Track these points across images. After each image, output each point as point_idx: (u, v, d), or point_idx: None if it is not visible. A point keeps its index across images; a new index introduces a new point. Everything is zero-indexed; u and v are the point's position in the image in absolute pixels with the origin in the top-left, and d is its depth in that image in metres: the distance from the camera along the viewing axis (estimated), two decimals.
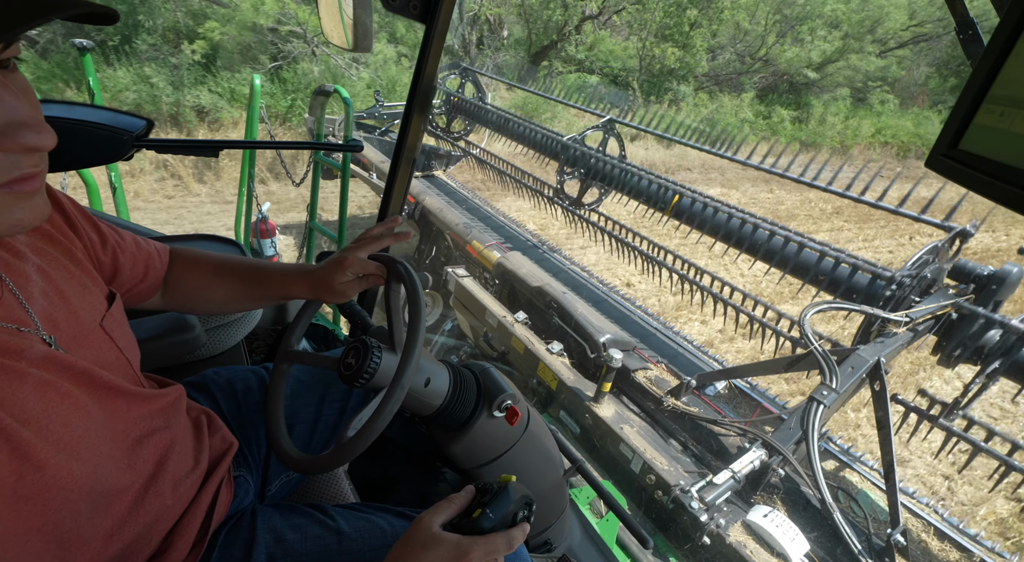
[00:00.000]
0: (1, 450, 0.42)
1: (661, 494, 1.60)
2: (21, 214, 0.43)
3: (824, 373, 1.65)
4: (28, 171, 0.42)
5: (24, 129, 0.41)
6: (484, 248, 2.98)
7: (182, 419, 0.71)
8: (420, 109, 1.12)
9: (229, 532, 0.74)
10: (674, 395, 1.91)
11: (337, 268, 0.79)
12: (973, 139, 0.32)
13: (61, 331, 0.54)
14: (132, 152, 1.20)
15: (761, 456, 1.58)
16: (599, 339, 2.06)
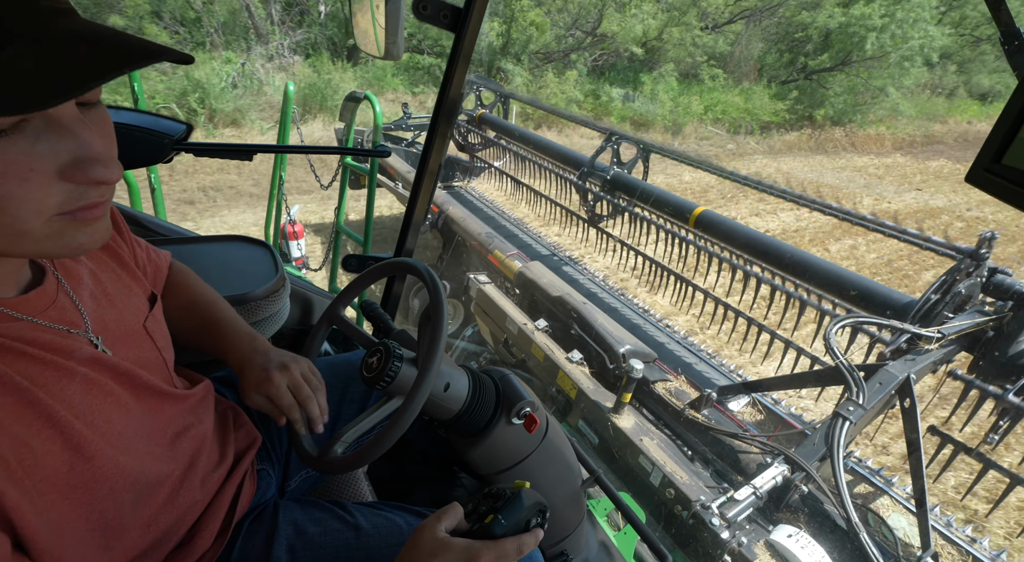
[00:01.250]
0: (56, 441, 0.45)
1: (680, 509, 1.57)
2: (84, 238, 0.46)
3: (850, 388, 1.61)
4: (95, 200, 0.45)
5: (94, 164, 0.43)
6: (506, 257, 3.00)
7: (211, 414, 0.73)
8: (448, 115, 1.13)
9: (252, 523, 0.76)
10: (694, 407, 1.88)
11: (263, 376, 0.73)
12: (1017, 154, 0.31)
13: (108, 332, 0.57)
14: (172, 155, 1.25)
15: (784, 472, 1.54)
16: (619, 350, 2.05)
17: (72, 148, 0.42)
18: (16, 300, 0.48)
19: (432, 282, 0.75)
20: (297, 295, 1.39)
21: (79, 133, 0.42)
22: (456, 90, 1.11)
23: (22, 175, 0.39)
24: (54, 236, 0.43)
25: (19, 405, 0.43)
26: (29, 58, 0.36)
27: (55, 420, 0.45)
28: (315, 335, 0.87)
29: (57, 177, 0.41)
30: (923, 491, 1.51)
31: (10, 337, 0.46)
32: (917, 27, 11.70)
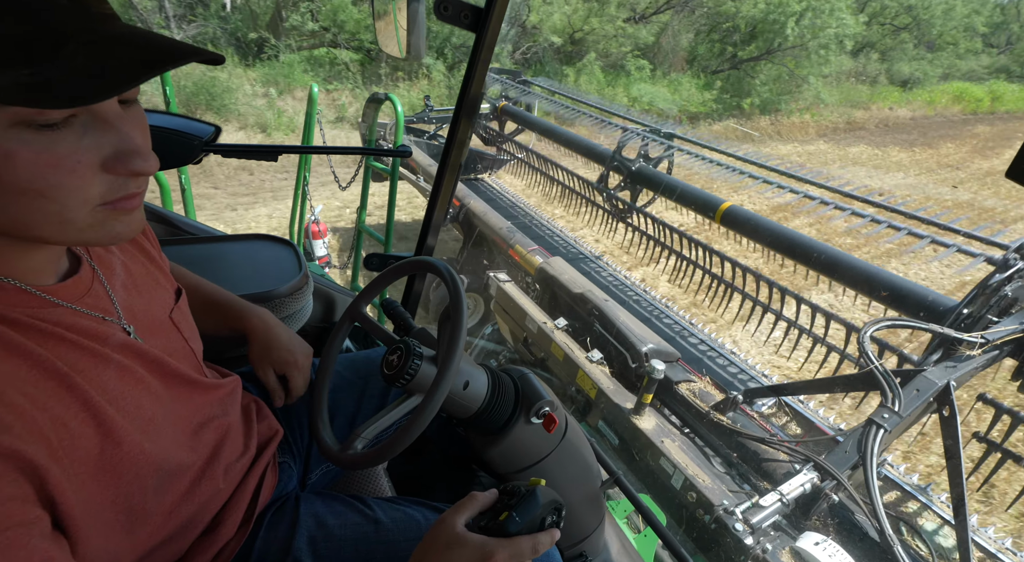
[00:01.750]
0: (89, 424, 0.47)
1: (703, 513, 1.53)
2: (121, 228, 0.49)
3: (885, 394, 1.54)
4: (133, 191, 0.48)
5: (134, 156, 0.46)
6: (527, 252, 2.97)
7: (237, 408, 0.75)
8: (468, 115, 1.13)
9: (274, 514, 0.78)
10: (719, 410, 1.83)
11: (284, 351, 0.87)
12: None
13: (138, 321, 0.59)
14: (201, 156, 1.28)
15: (813, 479, 1.48)
16: (641, 349, 2.01)
17: (114, 141, 0.45)
18: (55, 287, 0.51)
19: (452, 281, 0.75)
20: (320, 293, 1.41)
21: (121, 128, 0.45)
22: (477, 89, 1.10)
23: (70, 167, 0.42)
24: (96, 225, 0.46)
25: (59, 388, 0.45)
26: (82, 57, 0.39)
27: (90, 404, 0.47)
28: (337, 332, 0.88)
29: (100, 169, 0.44)
30: (962, 501, 1.44)
31: (51, 322, 0.48)
32: (833, 16, 11.91)
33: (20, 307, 0.47)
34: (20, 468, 0.40)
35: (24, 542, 0.39)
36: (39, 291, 0.49)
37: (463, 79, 1.12)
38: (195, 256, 1.23)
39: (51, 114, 0.40)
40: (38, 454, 0.41)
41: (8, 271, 0.47)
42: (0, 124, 0.39)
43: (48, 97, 0.38)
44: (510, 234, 3.22)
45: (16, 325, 0.45)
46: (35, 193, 0.42)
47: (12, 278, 0.47)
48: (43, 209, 0.43)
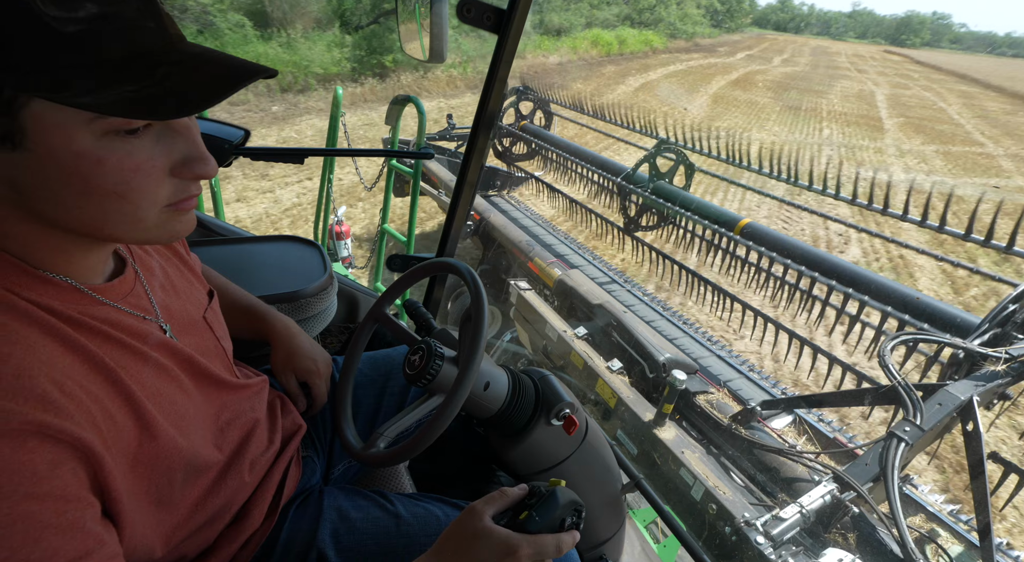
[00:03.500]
0: (131, 418, 0.49)
1: (723, 525, 1.53)
2: (180, 227, 0.53)
3: (907, 408, 1.54)
4: (193, 193, 0.52)
5: (199, 161, 0.50)
6: (546, 265, 3.02)
7: (264, 405, 0.77)
8: (490, 116, 1.15)
9: (299, 507, 0.80)
10: (737, 421, 1.84)
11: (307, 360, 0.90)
12: None
13: (174, 320, 0.62)
14: (232, 159, 1.32)
15: (833, 491, 1.48)
16: (660, 359, 2.03)
17: (183, 148, 0.49)
18: (103, 286, 0.54)
19: (473, 282, 0.77)
20: (344, 293, 1.43)
21: (188, 135, 0.49)
22: (499, 88, 1.12)
23: (147, 171, 0.47)
24: (161, 225, 0.50)
25: (107, 383, 0.48)
26: (176, 76, 0.44)
27: (132, 399, 0.49)
28: (360, 333, 0.90)
29: (168, 173, 0.48)
30: (988, 521, 1.42)
31: (99, 319, 0.51)
32: None
33: (75, 304, 0.50)
34: (78, 455, 0.43)
35: (80, 524, 0.41)
36: (90, 290, 0.52)
37: (486, 78, 1.13)
38: (226, 257, 1.26)
39: (137, 122, 0.44)
40: (94, 443, 0.43)
41: (66, 270, 0.50)
42: (94, 134, 0.43)
43: (151, 111, 0.43)
44: (529, 247, 3.27)
45: (71, 322, 0.48)
46: (116, 195, 0.46)
47: (68, 277, 0.50)
48: (120, 210, 0.47)
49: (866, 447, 1.59)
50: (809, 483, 1.58)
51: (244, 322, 0.91)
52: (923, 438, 1.49)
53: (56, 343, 0.45)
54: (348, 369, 0.87)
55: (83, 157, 0.43)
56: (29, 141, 0.42)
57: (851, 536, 1.48)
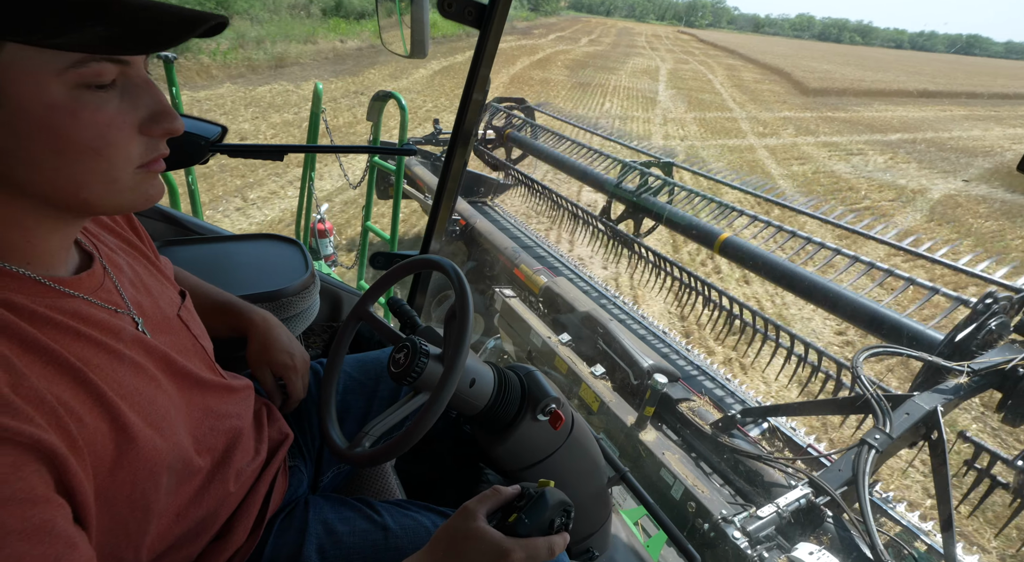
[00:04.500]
0: (104, 420, 0.47)
1: (701, 522, 1.58)
2: (153, 190, 0.51)
3: (877, 417, 1.62)
4: (162, 152, 0.51)
5: (166, 116, 0.49)
6: (532, 272, 3.06)
7: (250, 411, 0.74)
8: (474, 110, 1.14)
9: (284, 520, 0.77)
10: (718, 427, 1.89)
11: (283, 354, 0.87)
12: None
13: (146, 317, 0.59)
14: (208, 156, 1.28)
15: (808, 495, 1.54)
16: (644, 364, 2.08)
17: (149, 103, 0.48)
18: (70, 279, 0.51)
19: (458, 279, 0.76)
20: (327, 292, 1.41)
21: (152, 91, 0.49)
22: (482, 84, 1.11)
23: (119, 124, 0.46)
24: (135, 187, 0.49)
25: (73, 383, 0.45)
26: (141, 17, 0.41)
27: (104, 400, 0.47)
28: (344, 332, 0.88)
29: (137, 131, 0.47)
30: (950, 517, 1.50)
31: (67, 314, 0.48)
32: None
33: (38, 298, 0.47)
34: (41, 457, 0.40)
35: (48, 527, 0.39)
36: (55, 283, 0.49)
37: (468, 74, 1.11)
38: (203, 256, 1.23)
39: (106, 75, 0.43)
40: (57, 445, 0.41)
41: (25, 259, 0.48)
42: (66, 85, 0.42)
43: (128, 46, 0.42)
44: (515, 254, 3.31)
45: (33, 318, 0.45)
46: (92, 152, 0.44)
47: (27, 268, 0.47)
48: (96, 168, 0.45)
49: (839, 453, 1.66)
50: (786, 487, 1.64)
51: (221, 319, 0.88)
52: (891, 445, 1.57)
53: (13, 342, 0.43)
54: (332, 368, 0.86)
55: (56, 110, 0.42)
56: None
57: (825, 538, 1.54)
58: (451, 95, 11.80)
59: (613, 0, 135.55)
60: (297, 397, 0.88)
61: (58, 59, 0.41)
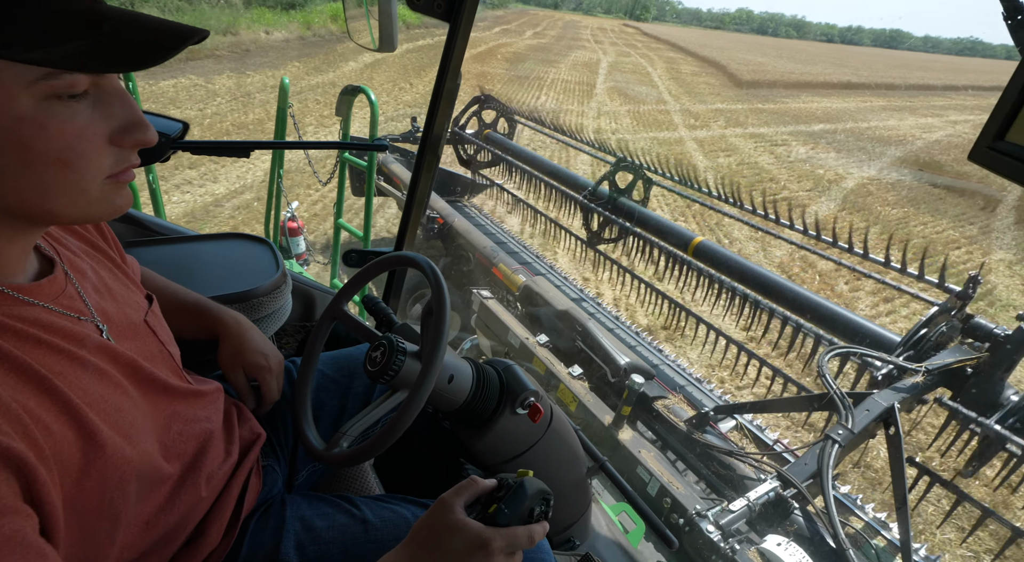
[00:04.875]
0: (70, 428, 0.46)
1: (676, 516, 1.63)
2: (120, 201, 0.50)
3: (840, 413, 1.71)
4: (133, 162, 0.50)
5: (138, 127, 0.48)
6: (511, 272, 3.08)
7: (220, 414, 0.73)
8: (446, 105, 1.13)
9: (259, 520, 0.76)
10: (692, 424, 1.96)
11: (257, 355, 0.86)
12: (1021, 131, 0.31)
13: (112, 323, 0.58)
14: (169, 154, 1.26)
15: (776, 488, 1.61)
16: (621, 362, 2.13)
17: (120, 114, 0.47)
18: (30, 286, 0.50)
19: (434, 275, 0.76)
20: (299, 291, 1.39)
21: (125, 102, 0.48)
22: (453, 78, 1.10)
23: (89, 137, 0.45)
24: (103, 198, 0.48)
25: (38, 392, 0.45)
26: (125, 31, 0.42)
27: (70, 408, 0.46)
28: (318, 331, 0.87)
29: (107, 142, 0.47)
30: (904, 500, 1.59)
31: (28, 322, 0.47)
32: None
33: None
34: (10, 466, 0.39)
35: (19, 537, 0.38)
36: (14, 291, 0.48)
37: (439, 67, 1.09)
38: (167, 257, 1.20)
39: (78, 85, 0.43)
40: (26, 453, 0.40)
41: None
42: (35, 97, 0.41)
43: (107, 64, 0.41)
44: (494, 253, 3.32)
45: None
46: (60, 164, 0.44)
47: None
48: (64, 180, 0.44)
49: (805, 448, 1.75)
50: (756, 481, 1.71)
51: (191, 320, 0.86)
52: (853, 440, 1.66)
53: None
54: (306, 368, 0.85)
55: (24, 122, 0.41)
56: None
57: (791, 529, 1.61)
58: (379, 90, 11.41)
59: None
60: (271, 399, 0.87)
61: (30, 70, 0.40)
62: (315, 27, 17.32)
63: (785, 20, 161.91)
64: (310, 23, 17.27)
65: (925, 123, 17.78)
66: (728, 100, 17.26)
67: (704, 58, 29.67)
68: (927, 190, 9.93)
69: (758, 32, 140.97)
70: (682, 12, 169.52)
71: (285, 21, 16.42)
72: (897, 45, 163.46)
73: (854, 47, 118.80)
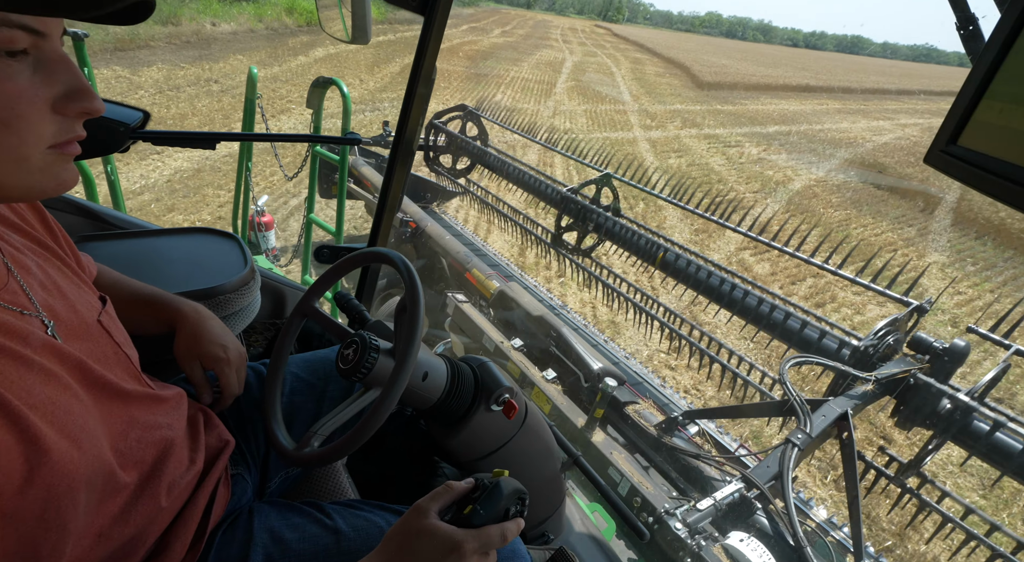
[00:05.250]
0: (10, 433, 0.43)
1: (646, 515, 1.69)
2: (66, 175, 0.48)
3: (799, 418, 1.81)
4: (79, 133, 0.48)
5: (83, 95, 0.46)
6: (484, 277, 3.10)
7: (183, 420, 0.70)
8: (420, 100, 1.12)
9: (226, 532, 0.73)
10: (662, 429, 2.03)
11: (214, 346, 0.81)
12: (972, 135, 0.32)
13: (60, 322, 0.55)
14: (129, 144, 1.21)
15: (741, 488, 1.69)
16: (594, 367, 2.19)
17: (64, 80, 0.45)
18: None
19: (407, 272, 0.75)
20: (268, 288, 1.36)
21: (69, 67, 0.46)
22: (428, 70, 1.09)
23: (30, 98, 0.43)
24: (45, 168, 0.46)
25: None
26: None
27: (9, 411, 0.43)
28: (288, 329, 0.85)
29: (51, 109, 0.45)
30: (856, 498, 1.70)
31: None
32: None
33: None
34: None
35: None
36: None
37: (413, 62, 1.08)
38: (127, 252, 1.15)
39: (17, 42, 0.41)
40: None
41: None
42: None
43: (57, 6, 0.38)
44: (467, 258, 3.34)
45: None
46: (0, 124, 0.42)
47: None
48: (4, 143, 0.42)
49: (767, 452, 1.84)
50: (721, 482, 1.79)
51: (148, 314, 0.82)
52: (811, 443, 1.76)
53: None
54: (276, 367, 0.83)
55: None
56: None
57: (754, 527, 1.69)
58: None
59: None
60: (231, 393, 0.83)
61: None
62: (267, 20, 16.77)
63: (752, 24, 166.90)
64: (262, 16, 16.68)
65: (876, 126, 18.23)
66: (688, 101, 17.40)
67: (670, 59, 30.29)
68: (871, 192, 10.14)
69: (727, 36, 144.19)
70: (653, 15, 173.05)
71: (235, 13, 15.72)
72: (858, 50, 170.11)
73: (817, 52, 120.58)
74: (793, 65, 41.59)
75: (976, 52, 0.72)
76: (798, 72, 34.07)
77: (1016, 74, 0.29)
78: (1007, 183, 0.30)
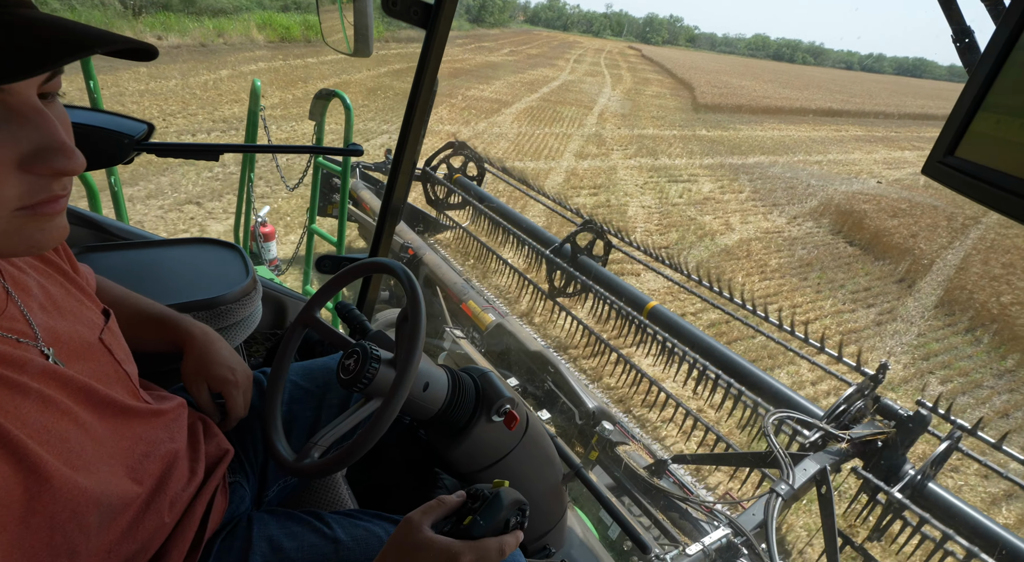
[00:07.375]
0: (8, 462, 0.42)
1: (637, 559, 1.73)
2: (40, 236, 0.44)
3: (783, 470, 1.92)
4: (57, 193, 0.44)
5: (56, 153, 0.42)
6: (480, 310, 3.16)
7: (184, 432, 0.70)
8: (421, 113, 1.14)
9: (224, 540, 0.72)
10: (651, 471, 2.10)
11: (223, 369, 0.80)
12: (969, 147, 0.32)
13: (61, 344, 0.54)
14: (133, 156, 1.21)
15: (728, 535, 1.77)
16: (590, 406, 2.25)
17: (34, 137, 0.41)
18: None
19: (409, 282, 0.75)
20: (269, 298, 1.36)
21: (41, 122, 0.42)
22: (429, 83, 1.09)
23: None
24: (12, 232, 0.42)
25: None
26: (20, 34, 0.37)
27: (6, 440, 0.42)
28: (289, 339, 0.85)
29: (18, 168, 0.41)
30: (835, 551, 1.79)
31: None
32: None
33: None
34: None
35: None
36: None
37: (415, 74, 1.08)
38: (129, 263, 1.15)
39: None
40: None
41: None
42: None
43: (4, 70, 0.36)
44: (464, 289, 3.40)
45: None
46: None
47: None
48: None
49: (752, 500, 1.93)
50: (706, 525, 1.86)
51: (155, 333, 0.82)
52: (793, 494, 1.86)
53: None
54: (277, 377, 0.83)
55: None
56: None
57: None
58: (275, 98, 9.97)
59: (569, 15, 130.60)
60: (237, 415, 0.82)
61: None
62: (228, 35, 15.64)
63: (803, 47, 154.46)
64: (223, 30, 15.53)
65: (897, 157, 15.43)
66: (665, 125, 15.16)
67: (681, 79, 28.10)
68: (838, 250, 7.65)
69: (774, 58, 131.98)
70: (697, 37, 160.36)
71: (192, 27, 14.85)
72: (920, 74, 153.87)
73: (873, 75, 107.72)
74: (828, 88, 37.14)
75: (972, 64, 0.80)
76: (828, 94, 30.68)
77: (1011, 86, 0.29)
78: (1004, 194, 0.30)
